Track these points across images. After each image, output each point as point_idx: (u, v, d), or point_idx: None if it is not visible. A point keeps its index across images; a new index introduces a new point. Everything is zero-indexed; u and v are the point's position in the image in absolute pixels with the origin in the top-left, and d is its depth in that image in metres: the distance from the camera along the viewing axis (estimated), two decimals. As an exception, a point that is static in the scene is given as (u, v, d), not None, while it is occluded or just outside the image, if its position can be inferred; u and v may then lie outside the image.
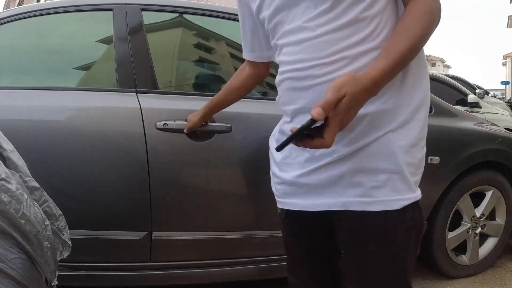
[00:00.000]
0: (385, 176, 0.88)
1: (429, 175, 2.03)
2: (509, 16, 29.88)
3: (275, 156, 1.06)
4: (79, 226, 1.60)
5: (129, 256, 1.77)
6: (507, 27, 30.63)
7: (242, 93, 1.44)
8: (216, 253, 1.85)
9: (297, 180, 0.96)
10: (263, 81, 2.18)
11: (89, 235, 1.68)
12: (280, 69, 0.97)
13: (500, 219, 2.44)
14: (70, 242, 1.19)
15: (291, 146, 0.82)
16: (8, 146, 1.10)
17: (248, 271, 1.88)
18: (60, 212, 1.19)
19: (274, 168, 1.07)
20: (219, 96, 1.47)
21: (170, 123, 1.69)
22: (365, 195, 0.89)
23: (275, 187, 1.07)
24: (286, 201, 1.02)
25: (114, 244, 1.72)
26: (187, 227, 1.78)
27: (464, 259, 2.37)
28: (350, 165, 0.89)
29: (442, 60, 68.42)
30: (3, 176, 0.97)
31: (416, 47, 0.83)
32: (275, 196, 1.09)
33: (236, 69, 1.42)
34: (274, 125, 1.86)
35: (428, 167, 1.46)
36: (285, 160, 1.01)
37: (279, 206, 1.08)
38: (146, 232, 1.72)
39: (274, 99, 2.07)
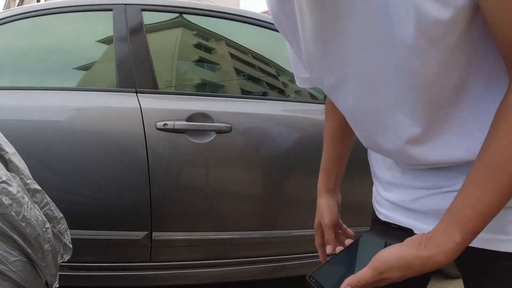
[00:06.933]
0: None
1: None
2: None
3: None
4: (79, 226, 1.61)
5: (129, 256, 1.77)
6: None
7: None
8: (216, 253, 1.86)
9: None
10: (263, 81, 2.19)
11: (89, 235, 1.68)
12: None
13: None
14: (71, 245, 1.20)
15: None
16: (10, 148, 1.10)
17: (248, 271, 1.89)
18: (62, 215, 1.19)
19: None
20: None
21: (170, 123, 1.69)
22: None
23: None
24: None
25: (114, 244, 1.72)
26: (187, 227, 1.78)
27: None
28: None
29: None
30: (4, 178, 0.97)
31: None
32: None
33: (236, 69, 1.42)
34: (274, 125, 1.88)
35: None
36: None
37: None
38: (146, 232, 1.72)
39: (274, 99, 2.10)
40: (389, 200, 0.78)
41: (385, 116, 0.62)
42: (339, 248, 0.72)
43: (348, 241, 0.71)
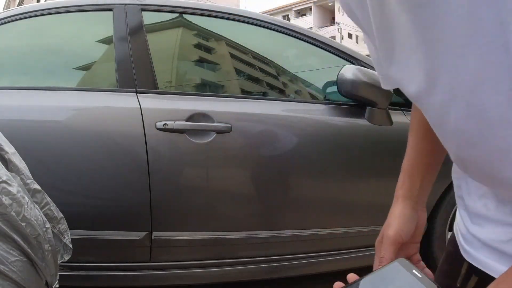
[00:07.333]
0: None
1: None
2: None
3: None
4: (79, 226, 1.61)
5: (129, 256, 1.77)
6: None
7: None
8: (216, 253, 1.86)
9: None
10: (263, 81, 2.19)
11: (89, 235, 1.68)
12: None
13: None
14: (71, 246, 1.20)
15: None
16: (10, 148, 1.10)
17: (248, 271, 1.88)
18: (62, 215, 1.19)
19: None
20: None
21: (170, 123, 1.69)
22: None
23: None
24: None
25: (114, 244, 1.72)
26: (187, 227, 1.78)
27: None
28: None
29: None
30: (4, 178, 0.97)
31: None
32: None
33: (236, 69, 1.42)
34: (274, 125, 1.88)
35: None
36: None
37: None
38: (146, 232, 1.72)
39: (274, 99, 2.10)
40: (477, 236, 0.60)
41: (491, 139, 0.46)
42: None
43: (351, 276, 0.57)
